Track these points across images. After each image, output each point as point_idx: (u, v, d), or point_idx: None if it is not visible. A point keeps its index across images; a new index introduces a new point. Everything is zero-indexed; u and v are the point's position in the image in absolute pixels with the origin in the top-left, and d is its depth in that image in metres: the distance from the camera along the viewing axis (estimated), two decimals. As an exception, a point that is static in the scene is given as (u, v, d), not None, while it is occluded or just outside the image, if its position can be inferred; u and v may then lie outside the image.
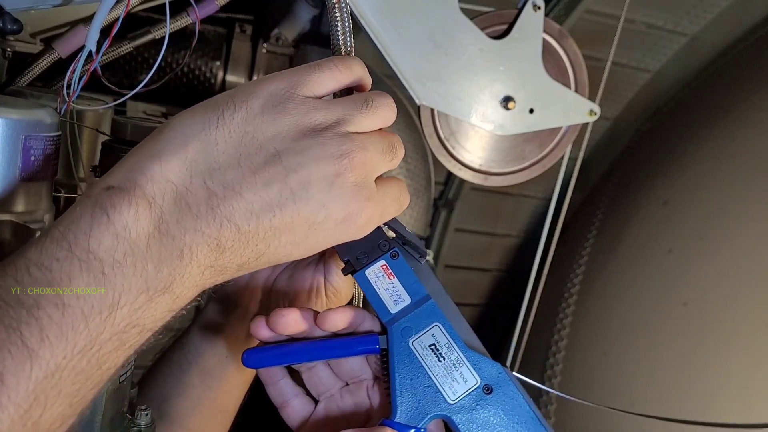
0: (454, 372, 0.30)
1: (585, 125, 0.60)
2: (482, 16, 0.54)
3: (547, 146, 0.59)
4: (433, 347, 0.31)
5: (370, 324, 0.33)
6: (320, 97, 0.28)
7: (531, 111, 0.55)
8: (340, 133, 0.27)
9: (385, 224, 0.33)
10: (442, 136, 0.56)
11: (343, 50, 0.33)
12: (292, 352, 0.33)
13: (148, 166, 0.24)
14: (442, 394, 0.30)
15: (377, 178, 0.29)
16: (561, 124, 0.58)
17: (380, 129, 0.30)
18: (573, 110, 0.57)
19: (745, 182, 0.87)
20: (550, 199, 0.69)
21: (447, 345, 0.31)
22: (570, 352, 0.95)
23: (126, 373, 0.39)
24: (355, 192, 0.27)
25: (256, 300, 0.44)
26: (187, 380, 0.44)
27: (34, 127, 0.34)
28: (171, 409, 0.43)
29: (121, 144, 0.38)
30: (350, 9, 0.33)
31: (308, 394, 0.35)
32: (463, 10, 0.52)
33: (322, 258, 0.42)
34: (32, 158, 0.34)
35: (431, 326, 0.31)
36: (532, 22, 0.54)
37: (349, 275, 0.33)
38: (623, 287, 0.94)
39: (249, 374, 0.45)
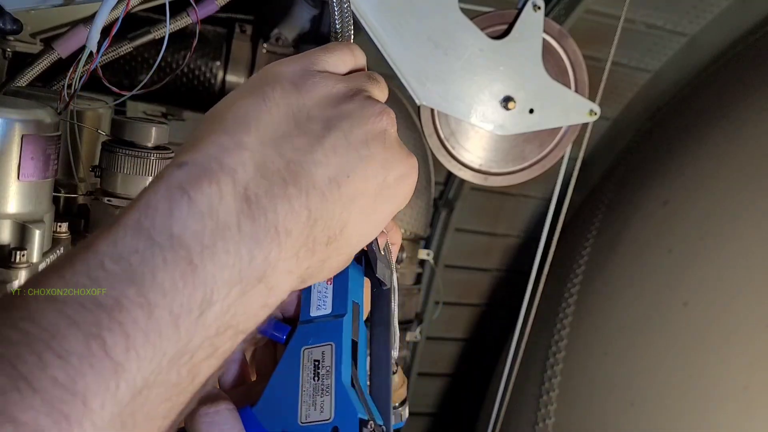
0: (317, 397, 0.28)
1: (585, 125, 0.60)
2: (482, 16, 0.54)
3: (547, 146, 0.59)
4: (316, 363, 0.29)
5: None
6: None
7: (531, 111, 0.55)
8: (367, 96, 0.26)
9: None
10: (442, 136, 0.56)
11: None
12: None
13: (218, 139, 0.22)
14: (297, 411, 0.28)
15: None
16: (561, 124, 0.58)
17: None
18: (573, 110, 0.57)
19: (745, 182, 0.87)
20: (550, 199, 0.69)
21: (327, 368, 0.29)
22: (570, 352, 0.95)
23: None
24: (401, 146, 0.27)
25: None
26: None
27: (33, 127, 0.34)
28: None
29: (120, 144, 0.38)
30: (351, 8, 0.33)
31: None
32: (463, 10, 0.52)
33: None
34: (32, 158, 0.34)
35: (326, 343, 0.29)
36: (532, 22, 0.54)
37: None
38: (623, 287, 0.94)
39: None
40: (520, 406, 0.95)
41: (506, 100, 0.54)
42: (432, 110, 0.54)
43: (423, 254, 0.95)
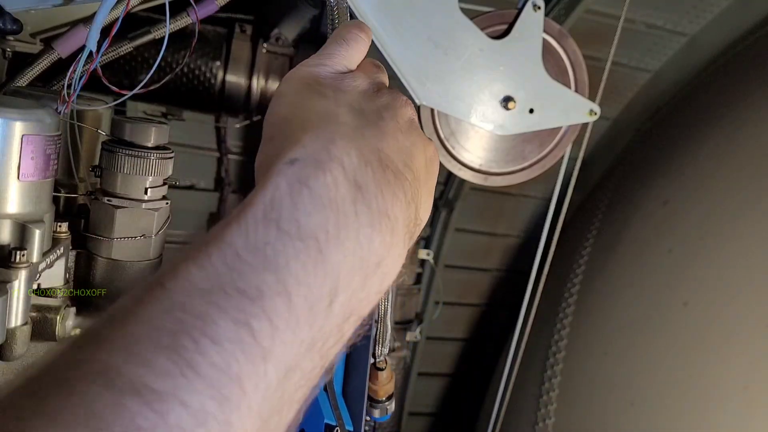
0: None
1: (585, 125, 0.60)
2: (482, 16, 0.54)
3: (547, 146, 0.59)
4: None
5: None
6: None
7: (531, 111, 0.55)
8: (388, 87, 0.28)
9: None
10: (442, 136, 0.56)
11: None
12: None
13: (315, 135, 0.22)
14: None
15: None
16: (561, 123, 0.58)
17: None
18: (573, 110, 0.57)
19: (745, 182, 0.87)
20: (550, 199, 0.69)
21: None
22: (570, 352, 0.95)
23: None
24: (421, 131, 0.28)
25: None
26: None
27: (33, 126, 0.34)
28: None
29: (120, 144, 0.38)
30: (349, 9, 0.33)
31: None
32: (463, 10, 0.52)
33: None
34: (32, 158, 0.34)
35: None
36: (532, 22, 0.54)
37: None
38: (623, 287, 0.94)
39: None
40: (520, 406, 0.95)
41: (506, 100, 0.54)
42: (432, 110, 0.54)
43: (423, 254, 0.95)
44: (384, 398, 0.63)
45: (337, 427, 0.27)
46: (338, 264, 0.20)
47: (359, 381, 0.30)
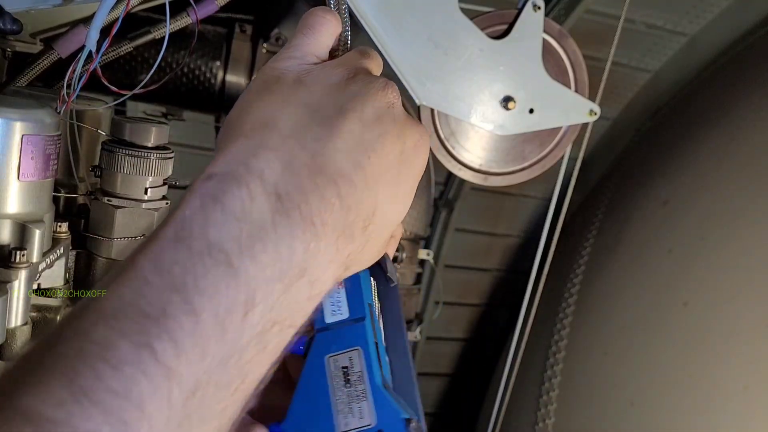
0: (353, 403, 0.28)
1: (585, 125, 0.60)
2: (482, 16, 0.54)
3: (547, 146, 0.59)
4: (345, 370, 0.28)
5: None
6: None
7: (531, 111, 0.55)
8: (367, 73, 0.27)
9: None
10: (442, 136, 0.56)
11: (340, 49, 0.33)
12: None
13: (240, 145, 0.22)
14: (333, 421, 0.27)
15: None
16: (561, 124, 0.58)
17: None
18: (573, 110, 0.57)
19: (745, 182, 0.87)
20: (550, 199, 0.69)
21: (359, 374, 0.28)
22: (570, 352, 0.95)
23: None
24: (408, 117, 0.27)
25: None
26: None
27: (33, 126, 0.34)
28: None
29: (120, 144, 0.38)
30: (349, 8, 0.33)
31: None
32: (463, 10, 0.52)
33: None
34: (32, 158, 0.34)
35: (352, 349, 0.29)
36: (532, 22, 0.53)
37: None
38: (623, 287, 0.94)
39: None
40: (520, 406, 0.95)
41: (506, 100, 0.54)
42: (432, 110, 0.54)
43: (423, 254, 0.95)
44: None
45: (413, 420, 0.28)
46: (253, 276, 0.20)
47: (402, 366, 0.30)
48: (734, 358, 0.79)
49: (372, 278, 0.32)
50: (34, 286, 0.35)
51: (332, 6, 0.32)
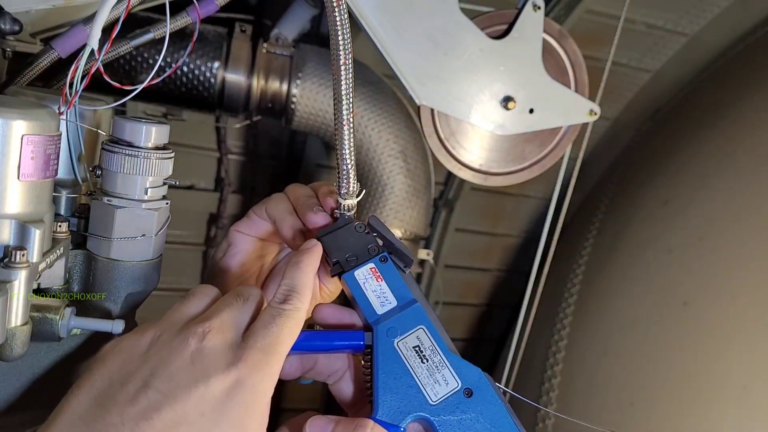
0: (436, 374, 0.31)
1: (585, 125, 0.60)
2: (482, 16, 0.54)
3: (547, 146, 0.59)
4: (417, 349, 0.31)
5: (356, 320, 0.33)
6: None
7: (531, 111, 0.55)
8: (178, 330, 0.28)
9: (374, 232, 0.34)
10: (442, 136, 0.56)
11: (341, 58, 0.33)
12: None
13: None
14: (424, 395, 0.31)
15: (247, 329, 0.29)
16: (561, 124, 0.58)
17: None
18: (573, 110, 0.57)
19: (744, 182, 0.87)
20: (550, 199, 0.69)
21: (431, 348, 0.32)
22: (570, 352, 0.95)
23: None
24: (220, 357, 0.27)
25: None
26: None
27: (33, 126, 0.34)
28: None
29: (121, 144, 0.38)
30: (348, 9, 0.33)
31: None
32: (463, 10, 0.52)
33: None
34: (32, 158, 0.34)
35: (416, 329, 0.32)
36: (532, 22, 0.54)
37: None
38: (623, 287, 0.94)
39: None
40: (520, 405, 0.95)
41: (506, 100, 0.54)
42: (432, 110, 0.54)
43: (423, 254, 0.95)
44: None
45: (485, 373, 0.31)
46: None
47: (447, 336, 0.33)
48: (733, 357, 0.79)
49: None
50: (34, 286, 0.35)
51: (333, 5, 0.32)
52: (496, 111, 0.54)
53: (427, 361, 0.31)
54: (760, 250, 0.81)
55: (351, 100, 0.37)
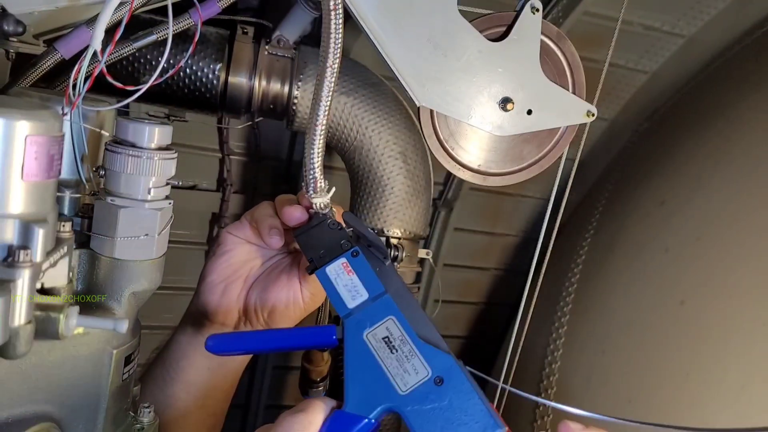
0: (406, 364, 0.31)
1: (583, 126, 0.60)
2: (481, 18, 0.55)
3: (545, 147, 0.59)
4: (386, 340, 0.31)
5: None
6: None
7: (529, 112, 0.56)
8: None
9: (348, 227, 0.34)
10: (441, 136, 0.56)
11: (330, 59, 0.34)
12: (254, 341, 0.35)
13: None
14: (393, 386, 0.30)
15: None
16: (559, 125, 0.58)
17: None
18: (571, 111, 0.58)
19: (741, 182, 0.88)
20: (548, 199, 0.69)
21: (400, 338, 0.31)
22: (568, 351, 0.96)
23: (129, 370, 0.39)
24: None
25: (232, 316, 0.45)
26: (171, 392, 0.45)
27: (37, 127, 0.34)
28: (161, 419, 0.44)
29: (124, 145, 0.39)
30: (347, 11, 0.33)
31: None
32: (462, 12, 0.52)
33: (294, 267, 0.43)
34: (35, 158, 0.35)
35: (386, 320, 0.32)
36: (530, 24, 0.54)
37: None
38: (621, 286, 0.94)
39: (235, 378, 0.46)
40: (519, 403, 0.96)
41: (504, 102, 0.54)
42: (431, 111, 0.54)
43: (422, 253, 0.95)
44: (319, 379, 0.65)
45: (457, 358, 0.31)
46: None
47: (420, 318, 0.33)
48: (731, 356, 0.80)
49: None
50: (38, 285, 0.35)
51: (330, 9, 0.33)
52: (495, 112, 0.54)
53: (397, 351, 0.31)
54: (757, 250, 0.82)
55: (329, 103, 0.37)
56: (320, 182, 0.38)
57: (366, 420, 0.30)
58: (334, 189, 0.39)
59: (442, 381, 0.31)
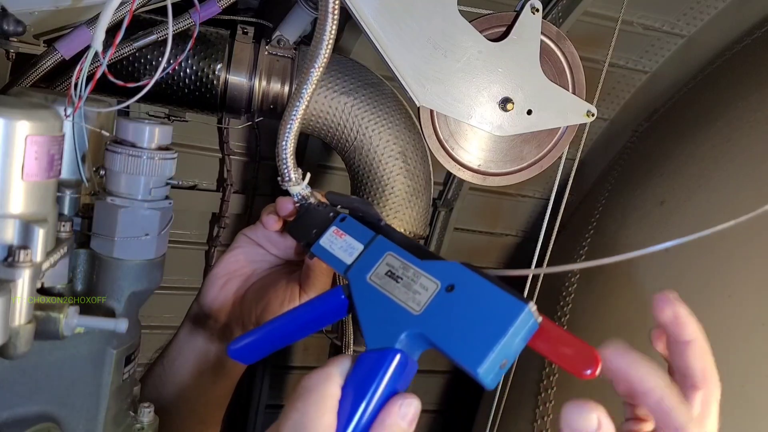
0: (414, 285, 0.30)
1: (582, 126, 0.60)
2: (481, 18, 0.55)
3: (545, 147, 0.59)
4: (389, 273, 0.31)
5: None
6: None
7: (529, 112, 0.56)
8: None
9: (336, 205, 0.34)
10: (441, 137, 0.56)
11: (322, 55, 0.34)
12: (272, 339, 0.34)
13: None
14: (406, 310, 0.30)
15: None
16: (559, 125, 0.58)
17: None
18: (570, 111, 0.58)
19: (741, 182, 0.88)
20: (548, 199, 0.69)
21: (401, 266, 0.31)
22: (568, 351, 0.95)
23: (129, 370, 0.39)
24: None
25: (226, 310, 0.45)
26: (165, 393, 0.45)
27: (37, 127, 0.34)
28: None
29: (124, 145, 0.39)
30: (347, 12, 0.33)
31: None
32: (462, 12, 0.52)
33: (296, 275, 0.43)
34: (35, 158, 0.35)
35: (384, 257, 0.32)
36: (530, 24, 0.54)
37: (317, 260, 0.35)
38: (620, 286, 0.94)
39: (230, 385, 0.46)
40: (519, 403, 0.96)
41: (504, 102, 0.54)
42: (431, 111, 0.54)
43: (422, 254, 0.95)
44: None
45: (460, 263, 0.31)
46: None
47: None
48: (732, 356, 0.80)
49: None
50: (38, 285, 0.35)
51: (328, 10, 0.33)
52: (495, 112, 0.54)
53: (402, 279, 0.30)
54: (756, 251, 0.82)
55: (308, 101, 0.38)
56: (293, 172, 0.38)
57: (391, 351, 0.29)
58: (309, 175, 0.39)
59: (453, 287, 0.30)
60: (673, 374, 0.32)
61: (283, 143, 0.37)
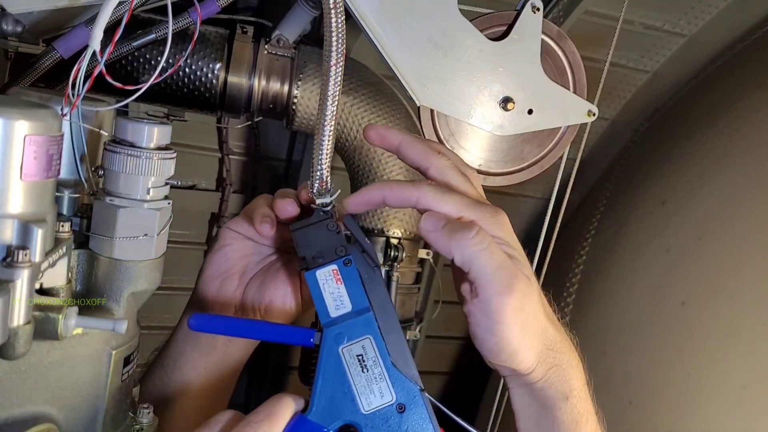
0: (373, 385, 0.32)
1: (583, 126, 0.60)
2: (481, 17, 0.55)
3: (545, 146, 0.59)
4: (360, 358, 0.32)
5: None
6: None
7: (530, 112, 0.56)
8: None
9: (346, 229, 0.34)
10: (441, 136, 0.56)
11: (333, 58, 0.34)
12: (235, 326, 0.36)
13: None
14: (357, 403, 0.31)
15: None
16: (559, 124, 0.58)
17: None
18: (571, 111, 0.57)
19: (742, 182, 0.88)
20: (548, 199, 0.69)
21: (373, 359, 0.32)
22: (568, 352, 0.95)
23: (128, 371, 0.39)
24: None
25: (228, 311, 0.45)
26: (169, 393, 0.44)
27: (36, 127, 0.34)
28: (159, 419, 0.43)
29: (123, 144, 0.39)
30: (347, 10, 0.33)
31: None
32: (462, 11, 0.52)
33: (295, 265, 0.43)
34: (34, 158, 0.34)
35: (363, 338, 0.33)
36: (531, 23, 0.54)
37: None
38: (621, 286, 0.94)
39: (231, 379, 0.46)
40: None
41: (505, 101, 0.54)
42: (432, 111, 0.54)
43: (423, 253, 0.95)
44: None
45: (423, 390, 0.33)
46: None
47: (397, 341, 0.34)
48: (732, 356, 0.80)
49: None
50: (37, 286, 0.35)
51: (330, 8, 0.33)
52: (495, 112, 0.54)
53: (368, 371, 0.32)
54: (758, 250, 0.82)
55: (336, 102, 0.37)
56: (326, 182, 0.37)
57: (325, 429, 0.31)
58: (339, 191, 0.38)
59: (404, 408, 0.32)
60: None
61: (321, 150, 0.36)
